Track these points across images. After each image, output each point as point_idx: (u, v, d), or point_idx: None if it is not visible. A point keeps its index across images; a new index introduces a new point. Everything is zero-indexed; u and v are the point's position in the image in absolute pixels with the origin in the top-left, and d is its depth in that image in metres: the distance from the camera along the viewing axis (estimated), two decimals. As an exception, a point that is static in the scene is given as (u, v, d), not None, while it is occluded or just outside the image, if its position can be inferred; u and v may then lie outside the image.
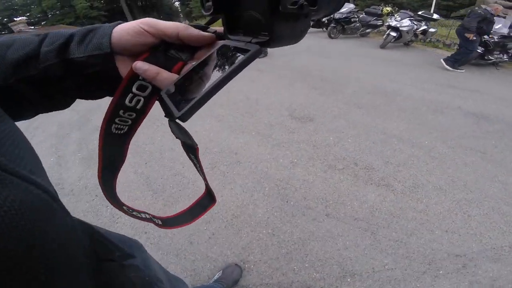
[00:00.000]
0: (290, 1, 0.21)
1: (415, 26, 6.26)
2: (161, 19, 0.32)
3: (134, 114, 0.33)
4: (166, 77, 0.30)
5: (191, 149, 0.35)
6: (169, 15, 30.20)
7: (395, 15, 6.48)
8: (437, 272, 1.41)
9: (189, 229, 1.55)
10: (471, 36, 4.63)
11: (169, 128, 0.33)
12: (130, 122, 0.34)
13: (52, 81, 0.30)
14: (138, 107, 0.33)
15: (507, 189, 1.96)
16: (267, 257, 1.42)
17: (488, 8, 4.70)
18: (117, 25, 0.31)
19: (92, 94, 0.35)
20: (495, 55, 5.21)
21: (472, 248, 1.53)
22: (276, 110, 3.04)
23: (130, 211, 0.46)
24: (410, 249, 1.51)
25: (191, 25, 0.32)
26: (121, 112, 0.33)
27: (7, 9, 21.33)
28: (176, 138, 0.34)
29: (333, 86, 3.84)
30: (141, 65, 0.29)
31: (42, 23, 21.79)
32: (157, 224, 0.49)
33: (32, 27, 15.72)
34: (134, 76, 0.30)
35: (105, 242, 0.38)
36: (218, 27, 0.34)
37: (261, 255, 1.44)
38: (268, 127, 2.67)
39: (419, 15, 6.48)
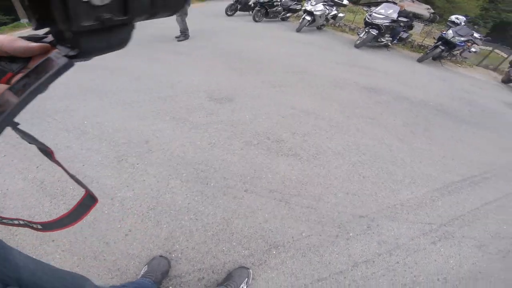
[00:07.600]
0: (83, 19, 0.20)
1: (327, 11, 6.68)
2: None
3: None
4: None
5: (46, 153, 0.33)
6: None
7: None
8: (348, 234, 1.52)
9: (101, 230, 1.41)
10: None
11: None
12: None
13: None
14: None
15: (392, 150, 2.37)
16: (194, 243, 1.38)
17: None
18: None
19: None
20: (386, 38, 6.10)
21: (371, 208, 1.73)
22: (194, 93, 2.90)
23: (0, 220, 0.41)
24: (320, 214, 1.63)
25: (22, 38, 0.29)
26: None
27: None
28: (30, 144, 0.32)
29: (252, 67, 3.91)
30: None
31: None
32: (36, 229, 0.45)
33: None
34: None
35: None
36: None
37: (187, 242, 1.39)
38: (185, 111, 2.53)
39: (331, 0, 6.83)
